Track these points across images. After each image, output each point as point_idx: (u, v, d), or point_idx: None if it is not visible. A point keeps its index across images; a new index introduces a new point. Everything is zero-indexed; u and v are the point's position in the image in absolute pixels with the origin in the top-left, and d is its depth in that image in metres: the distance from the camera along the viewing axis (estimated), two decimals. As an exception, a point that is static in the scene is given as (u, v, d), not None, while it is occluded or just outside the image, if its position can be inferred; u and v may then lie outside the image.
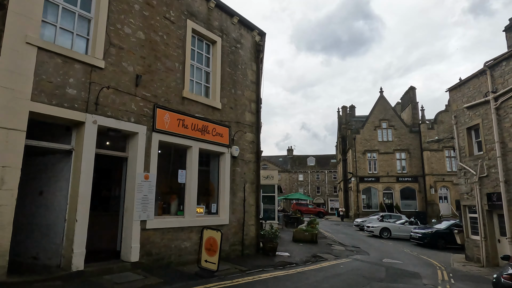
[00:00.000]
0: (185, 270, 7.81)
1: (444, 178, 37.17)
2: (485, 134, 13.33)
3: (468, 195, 14.32)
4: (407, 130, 39.60)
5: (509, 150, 12.01)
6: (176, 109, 8.59)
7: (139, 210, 7.39)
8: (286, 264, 10.09)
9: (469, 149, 14.40)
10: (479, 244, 13.40)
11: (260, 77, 11.92)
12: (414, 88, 42.60)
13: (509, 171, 11.95)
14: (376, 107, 41.26)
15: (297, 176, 70.10)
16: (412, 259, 14.13)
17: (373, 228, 23.19)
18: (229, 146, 10.05)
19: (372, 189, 39.57)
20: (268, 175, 18.05)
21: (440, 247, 18.39)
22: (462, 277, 10.77)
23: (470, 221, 14.40)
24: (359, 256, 13.77)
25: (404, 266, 11.87)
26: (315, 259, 11.60)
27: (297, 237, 16.14)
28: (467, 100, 14.37)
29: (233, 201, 10.02)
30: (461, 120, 14.87)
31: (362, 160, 39.96)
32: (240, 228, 10.15)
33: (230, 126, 10.21)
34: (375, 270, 10.64)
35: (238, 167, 10.37)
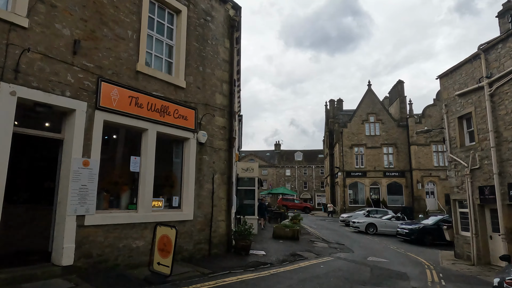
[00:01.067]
0: (133, 275, 6.57)
1: (431, 173, 36.68)
2: (477, 123, 12.40)
3: (458, 189, 13.42)
4: (395, 124, 38.93)
5: (504, 140, 11.09)
6: (128, 85, 7.28)
7: (75, 203, 6.10)
8: (259, 264, 8.94)
9: (460, 139, 13.48)
10: (469, 240, 12.53)
11: (234, 56, 10.67)
12: (402, 82, 41.93)
13: (504, 163, 11.04)
14: (364, 100, 40.46)
15: (284, 171, 69.21)
16: (399, 257, 13.18)
17: (359, 223, 22.32)
18: (194, 131, 8.79)
19: (359, 184, 38.85)
20: (248, 167, 16.86)
21: (428, 244, 17.59)
22: (453, 277, 9.82)
23: (460, 216, 13.51)
24: (343, 254, 12.74)
25: (391, 265, 10.87)
26: (294, 258, 10.49)
27: (278, 234, 15.04)
28: (459, 87, 13.41)
29: (199, 194, 8.80)
30: (452, 109, 13.93)
31: (349, 154, 39.16)
32: (208, 225, 8.93)
33: (197, 108, 8.95)
34: (358, 270, 9.59)
35: (206, 156, 9.13)
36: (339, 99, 46.72)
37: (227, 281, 6.97)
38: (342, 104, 47.03)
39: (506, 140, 10.97)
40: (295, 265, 9.58)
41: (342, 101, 47.04)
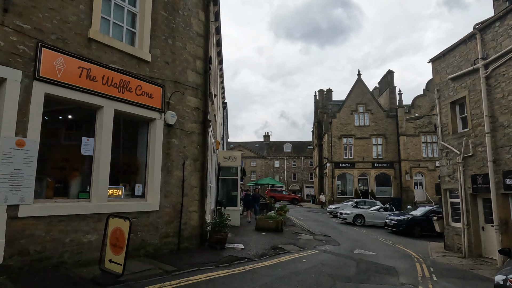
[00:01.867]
0: (80, 274, 5.62)
1: (419, 164, 36.37)
2: (471, 108, 11.68)
3: (450, 178, 12.76)
4: (384, 115, 38.40)
5: (499, 125, 10.39)
6: (78, 54, 6.23)
7: (6, 191, 5.09)
8: (234, 260, 8.08)
9: (453, 126, 12.78)
10: (460, 232, 11.91)
11: (210, 31, 9.63)
12: (392, 72, 41.31)
13: (499, 149, 10.36)
14: (354, 90, 39.76)
15: (273, 162, 68.55)
16: (387, 249, 12.51)
17: (346, 215, 21.70)
18: (161, 111, 7.80)
19: (347, 175, 38.35)
20: (231, 156, 15.93)
21: (416, 235, 17.04)
22: (444, 271, 9.14)
23: (451, 206, 12.88)
24: (328, 246, 12.00)
25: (378, 259, 10.15)
26: (274, 252, 9.67)
27: (261, 226, 14.22)
28: (452, 70, 12.65)
29: (167, 182, 7.84)
30: (444, 94, 13.19)
31: (338, 145, 38.56)
32: (177, 216, 8.01)
33: (164, 85, 7.94)
34: (343, 264, 8.83)
35: (175, 139, 8.16)
36: (328, 89, 45.91)
37: (193, 280, 6.09)
38: (331, 94, 46.23)
39: (502, 125, 10.27)
40: (275, 259, 8.75)
41: (331, 91, 46.24)
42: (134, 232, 6.96)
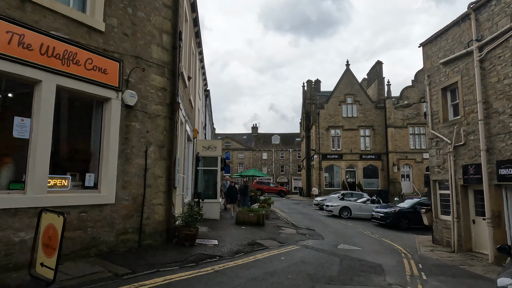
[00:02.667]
0: (6, 281, 4.65)
1: (407, 156, 36.04)
2: (464, 94, 10.96)
3: (439, 168, 12.10)
4: (372, 106, 37.86)
5: (493, 112, 9.69)
6: (7, 15, 5.16)
7: None
8: (204, 258, 7.20)
9: (444, 113, 12.07)
10: (450, 225, 11.29)
11: (179, 3, 8.57)
12: (381, 63, 40.69)
13: (492, 138, 9.67)
14: (342, 81, 39.05)
15: (261, 154, 67.78)
16: (373, 243, 11.82)
17: (332, 207, 21.05)
18: (118, 90, 6.78)
19: (335, 167, 37.84)
20: (210, 145, 14.98)
21: (403, 228, 16.49)
22: (433, 268, 8.46)
23: (440, 198, 12.25)
24: (311, 241, 11.24)
25: (364, 255, 9.42)
26: (251, 249, 8.83)
27: (241, 219, 13.36)
28: (444, 54, 11.90)
29: (125, 171, 6.87)
30: (435, 80, 12.46)
31: (326, 136, 37.94)
32: (137, 209, 7.06)
33: (123, 60, 6.91)
34: (326, 262, 8.04)
35: (136, 122, 7.17)
36: (317, 79, 45.08)
37: (146, 285, 5.18)
38: (319, 85, 45.45)
39: (497, 111, 9.57)
40: (250, 257, 7.90)
41: (319, 82, 45.45)
42: (83, 229, 6.00)
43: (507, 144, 9.20)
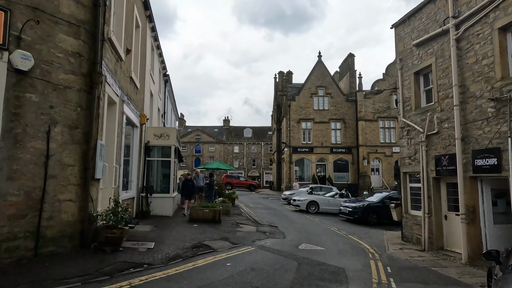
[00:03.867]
0: None
1: (377, 150, 35.80)
2: (438, 78, 9.99)
3: (410, 160, 11.15)
4: (344, 99, 37.25)
5: (470, 96, 8.73)
6: None
7: None
8: (126, 268, 5.70)
9: (416, 100, 11.10)
10: (420, 221, 10.36)
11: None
12: (353, 56, 40.13)
13: (469, 125, 8.73)
14: (314, 72, 38.14)
15: (233, 147, 66.30)
16: (338, 242, 10.72)
17: (299, 201, 19.97)
18: (3, 48, 5.08)
19: (305, 160, 37.02)
20: (163, 133, 13.33)
21: (372, 223, 15.63)
22: (403, 272, 7.38)
23: (410, 192, 11.32)
24: (270, 241, 9.96)
25: (326, 257, 8.23)
26: (193, 253, 7.39)
27: (195, 216, 11.88)
28: (418, 35, 10.88)
29: (13, 156, 5.22)
30: (408, 63, 11.45)
31: (297, 129, 36.98)
32: (34, 207, 5.43)
33: (11, 9, 5.20)
34: (280, 268, 6.75)
35: (33, 94, 5.50)
36: (289, 71, 43.94)
37: (11, 316, 3.62)
38: (291, 77, 44.35)
39: (474, 95, 8.61)
40: (188, 264, 6.47)
41: (291, 74, 44.34)
42: None
43: (484, 132, 8.26)
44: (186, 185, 14.20)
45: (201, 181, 16.58)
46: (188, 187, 14.18)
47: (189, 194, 14.31)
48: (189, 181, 14.35)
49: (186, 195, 14.21)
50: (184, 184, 14.35)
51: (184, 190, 14.30)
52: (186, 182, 14.30)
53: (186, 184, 14.23)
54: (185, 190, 14.20)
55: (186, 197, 14.26)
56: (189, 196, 14.28)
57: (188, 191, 14.13)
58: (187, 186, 14.17)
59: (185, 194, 14.29)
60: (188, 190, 14.13)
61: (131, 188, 10.97)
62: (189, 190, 14.15)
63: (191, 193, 14.61)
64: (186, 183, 14.28)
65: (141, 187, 12.40)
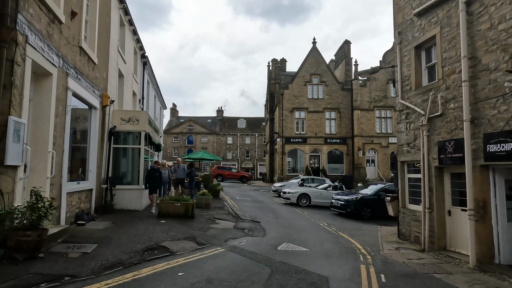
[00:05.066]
0: None
1: (373, 140, 34.49)
2: (443, 51, 8.53)
3: (409, 147, 9.75)
4: (339, 87, 35.79)
5: (482, 69, 7.30)
6: None
7: None
8: (39, 282, 4.30)
9: (417, 78, 9.66)
10: (420, 217, 9.02)
11: None
12: (349, 43, 38.61)
13: (480, 104, 7.32)
14: (308, 59, 36.54)
15: (226, 139, 64.82)
16: (326, 240, 9.36)
17: (290, 194, 18.63)
18: None
19: (298, 151, 35.66)
20: (131, 118, 11.83)
21: (366, 218, 14.35)
22: (401, 281, 6.01)
23: (409, 184, 9.96)
24: (246, 240, 8.59)
25: (309, 261, 6.87)
26: (141, 258, 5.98)
27: (164, 211, 10.47)
28: (420, 2, 9.39)
29: None
30: (407, 37, 9.98)
31: (290, 119, 35.51)
32: None
33: None
34: (247, 279, 5.36)
35: None
36: (282, 58, 42.34)
37: None
38: (285, 65, 42.74)
39: (487, 68, 7.18)
40: (127, 274, 5.06)
41: (285, 61, 42.73)
42: None
43: (499, 112, 6.86)
44: (151, 176, 11.29)
45: (181, 172, 15.05)
46: (153, 178, 11.31)
47: (155, 188, 11.56)
48: (155, 171, 11.55)
49: (150, 188, 11.33)
50: (149, 174, 11.36)
51: (149, 182, 11.26)
52: (152, 173, 11.41)
53: (151, 175, 11.32)
54: (150, 182, 11.24)
55: (151, 190, 11.40)
56: (154, 189, 11.52)
57: (153, 183, 11.33)
58: (152, 177, 11.29)
59: (150, 187, 11.31)
60: (154, 182, 11.35)
61: (88, 179, 9.50)
62: (154, 182, 11.40)
63: (157, 186, 11.88)
64: (152, 173, 11.38)
65: (105, 177, 10.95)
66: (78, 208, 8.57)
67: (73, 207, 8.19)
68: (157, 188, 11.93)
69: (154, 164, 11.89)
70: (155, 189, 11.58)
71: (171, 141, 62.53)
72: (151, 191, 11.38)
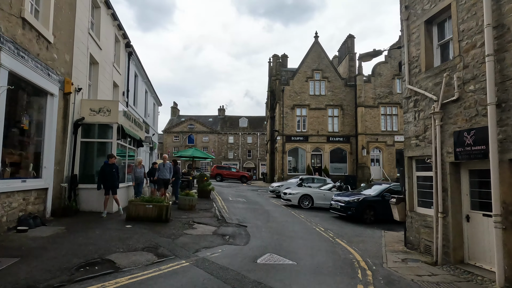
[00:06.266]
0: None
1: (377, 139, 32.90)
2: (460, 22, 7.05)
3: (418, 140, 8.27)
4: (342, 83, 34.23)
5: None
6: None
7: None
8: None
9: (427, 58, 8.18)
10: (431, 223, 7.54)
11: None
12: (353, 37, 37.07)
13: (509, 83, 5.83)
14: (310, 54, 35.04)
15: (227, 138, 63.47)
16: (319, 250, 7.91)
17: (291, 195, 17.10)
18: None
19: (299, 150, 34.16)
20: (102, 108, 10.47)
21: (369, 221, 12.90)
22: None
23: (418, 183, 8.47)
24: (223, 249, 7.17)
25: (292, 279, 5.44)
26: (69, 278, 4.59)
27: (134, 214, 9.09)
28: (431, -32, 7.92)
29: None
30: (416, 11, 8.50)
31: (291, 116, 34.04)
32: None
33: None
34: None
35: None
36: (284, 54, 40.86)
37: None
38: (286, 61, 41.25)
39: (518, 37, 5.70)
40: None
41: (286, 57, 41.24)
42: None
43: (535, 91, 5.37)
44: (107, 173, 9.35)
45: (166, 171, 12.98)
46: (109, 176, 9.35)
47: (111, 187, 9.52)
48: (110, 167, 9.44)
49: (106, 188, 9.45)
50: (103, 171, 9.40)
51: (103, 180, 9.41)
52: (106, 169, 9.36)
53: (107, 172, 9.35)
54: (104, 180, 9.39)
55: (107, 191, 9.50)
56: (107, 189, 9.49)
57: (108, 182, 9.41)
58: (108, 174, 9.35)
59: (105, 186, 9.44)
60: (109, 180, 9.41)
61: (41, 177, 8.16)
62: (109, 181, 9.43)
63: (110, 186, 9.52)
64: (106, 170, 9.35)
65: (69, 175, 9.62)
66: (23, 211, 7.23)
67: (13, 210, 6.84)
68: (110, 187, 9.52)
69: (108, 158, 9.63)
70: (108, 189, 9.47)
71: (171, 140, 61.46)
72: (108, 191, 9.51)
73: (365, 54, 9.77)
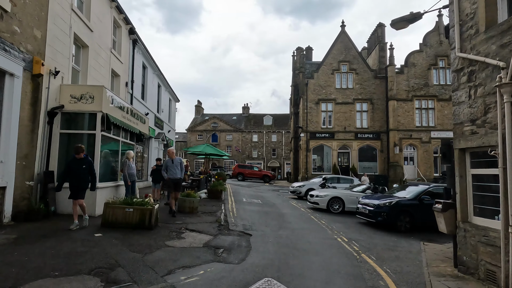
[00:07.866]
0: None
1: (411, 135, 29.97)
2: (544, -50, 4.83)
3: (475, 125, 6.07)
4: (372, 75, 31.57)
5: None
6: None
7: None
8: None
9: (488, 14, 5.96)
10: (496, 240, 5.36)
11: None
12: (383, 26, 34.17)
13: None
14: (336, 45, 32.65)
15: (251, 136, 61.85)
16: (337, 273, 5.92)
17: (318, 198, 15.01)
18: None
19: (325, 147, 31.87)
20: (84, 94, 8.94)
21: (403, 229, 10.73)
22: None
23: (473, 185, 6.26)
24: (208, 270, 5.40)
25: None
26: None
27: (111, 219, 7.51)
28: None
29: None
30: (471, -49, 6.29)
31: (315, 111, 31.82)
32: None
33: None
34: None
35: None
36: (308, 47, 38.61)
37: None
38: (311, 54, 38.98)
39: None
40: None
41: (311, 50, 38.97)
42: None
43: None
44: (73, 171, 7.31)
45: (177, 169, 9.89)
46: (76, 174, 7.30)
47: (81, 189, 7.38)
48: (77, 162, 7.36)
49: (71, 189, 7.35)
50: (68, 168, 7.39)
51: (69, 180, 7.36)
52: (73, 166, 7.34)
53: (73, 169, 7.32)
54: (69, 179, 7.35)
55: (73, 194, 7.35)
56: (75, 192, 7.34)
57: (73, 182, 7.32)
58: (72, 171, 7.32)
59: (70, 187, 7.37)
60: (75, 180, 7.31)
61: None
62: (75, 181, 7.31)
63: (80, 186, 7.36)
64: (73, 167, 7.33)
65: (42, 172, 8.22)
66: (-37, 215, 5.81)
67: None
68: (79, 189, 7.34)
69: (76, 152, 7.40)
70: (76, 191, 7.30)
71: (195, 139, 60.78)
72: (73, 196, 7.31)
73: (399, 19, 7.64)
